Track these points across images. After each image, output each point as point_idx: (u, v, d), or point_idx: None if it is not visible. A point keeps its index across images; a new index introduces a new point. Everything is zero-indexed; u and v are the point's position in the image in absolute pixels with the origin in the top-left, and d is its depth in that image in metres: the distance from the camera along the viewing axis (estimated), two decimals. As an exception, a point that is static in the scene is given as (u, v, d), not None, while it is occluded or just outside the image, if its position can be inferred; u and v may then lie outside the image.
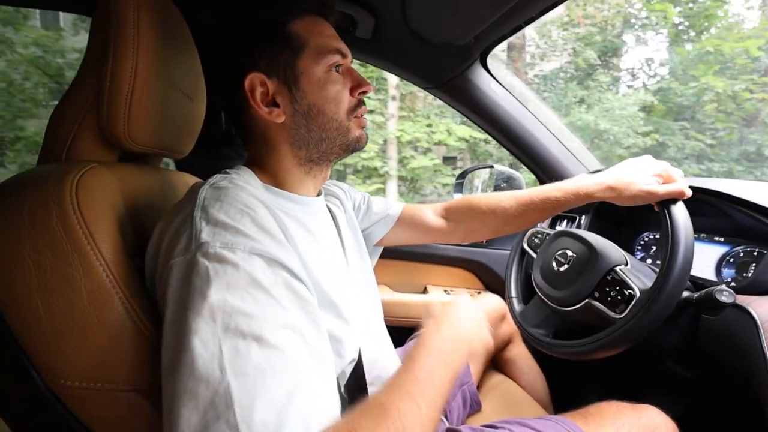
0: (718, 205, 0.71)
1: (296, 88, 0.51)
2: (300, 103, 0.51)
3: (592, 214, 0.93)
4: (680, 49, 6.67)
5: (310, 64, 0.51)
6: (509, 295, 0.85)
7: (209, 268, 0.35)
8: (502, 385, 0.88)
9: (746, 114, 6.31)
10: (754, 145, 6.17)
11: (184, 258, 0.37)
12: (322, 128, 0.53)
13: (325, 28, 0.54)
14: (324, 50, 0.52)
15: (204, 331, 0.33)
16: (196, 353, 0.32)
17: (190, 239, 0.37)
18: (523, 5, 0.73)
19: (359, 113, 0.56)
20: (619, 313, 0.61)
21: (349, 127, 0.54)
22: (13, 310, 0.36)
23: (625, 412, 0.63)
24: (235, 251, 0.36)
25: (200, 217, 0.39)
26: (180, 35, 0.54)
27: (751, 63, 6.30)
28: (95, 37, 0.47)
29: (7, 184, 0.40)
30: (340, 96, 0.53)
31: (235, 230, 0.38)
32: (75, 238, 0.37)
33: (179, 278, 0.36)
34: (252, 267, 0.36)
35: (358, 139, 0.56)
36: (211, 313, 0.33)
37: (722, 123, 6.27)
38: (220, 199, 0.41)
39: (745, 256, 0.70)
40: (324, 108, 0.52)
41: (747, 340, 0.56)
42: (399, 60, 1.02)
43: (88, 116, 0.46)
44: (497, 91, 1.06)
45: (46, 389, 0.36)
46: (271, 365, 0.32)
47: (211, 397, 0.31)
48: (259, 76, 0.50)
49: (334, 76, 0.53)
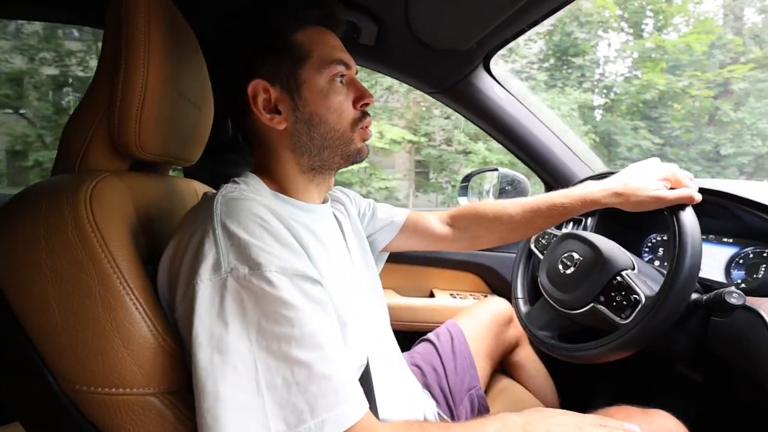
0: (727, 207, 0.71)
1: (298, 97, 0.52)
2: (302, 111, 0.52)
3: (599, 215, 0.92)
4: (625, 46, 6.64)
5: (312, 74, 0.52)
6: (515, 296, 0.85)
7: (242, 292, 0.38)
8: (510, 388, 0.88)
9: (703, 112, 6.27)
10: (711, 144, 6.09)
11: (213, 279, 0.39)
12: (324, 137, 0.53)
13: (329, 39, 0.54)
14: (327, 60, 0.52)
15: (242, 351, 0.37)
16: (236, 371, 0.36)
17: (218, 261, 0.39)
18: (525, 9, 0.74)
19: (364, 125, 0.56)
20: (625, 318, 0.61)
21: (351, 138, 0.55)
22: (30, 316, 0.37)
23: (636, 417, 0.63)
24: (264, 273, 0.39)
25: (223, 236, 0.41)
26: (188, 44, 0.56)
27: (706, 60, 6.25)
28: (107, 50, 0.48)
29: (24, 194, 0.41)
30: (342, 106, 0.54)
31: (258, 249, 0.40)
32: (90, 246, 0.38)
33: (209, 298, 0.38)
34: (279, 288, 0.39)
35: (359, 151, 0.56)
36: (248, 335, 0.37)
37: (679, 122, 6.20)
38: (236, 212, 0.43)
39: (754, 257, 0.70)
40: (326, 117, 0.53)
41: (757, 342, 0.55)
42: (402, 66, 1.03)
43: (100, 127, 0.47)
44: (501, 95, 1.07)
45: (62, 394, 0.37)
46: (297, 379, 0.37)
47: (250, 410, 0.35)
48: (261, 83, 0.51)
49: (336, 87, 0.53)
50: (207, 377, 0.36)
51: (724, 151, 6.06)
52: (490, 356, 0.88)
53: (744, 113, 6.16)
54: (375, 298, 0.67)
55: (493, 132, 1.14)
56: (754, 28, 6.97)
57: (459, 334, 0.86)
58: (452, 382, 0.79)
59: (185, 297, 0.40)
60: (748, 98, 6.38)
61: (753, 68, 6.32)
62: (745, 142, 6.03)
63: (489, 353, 0.88)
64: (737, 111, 6.20)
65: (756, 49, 6.79)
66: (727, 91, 6.53)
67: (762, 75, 6.51)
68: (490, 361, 0.88)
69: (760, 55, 6.65)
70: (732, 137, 6.11)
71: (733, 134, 6.13)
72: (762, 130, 5.99)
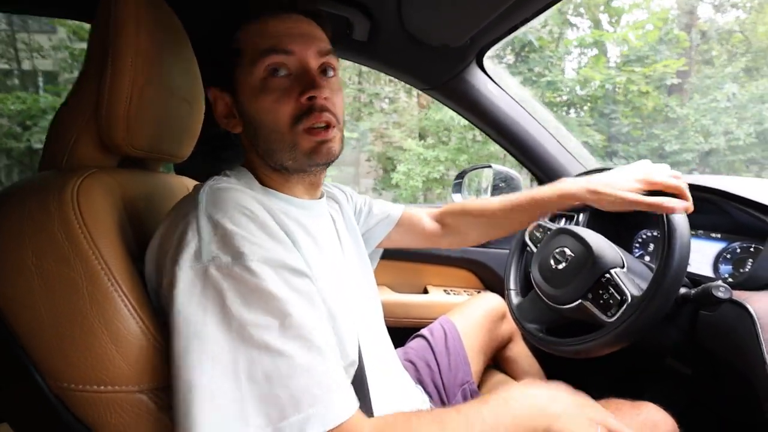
0: (716, 202, 0.72)
1: (237, 100, 0.50)
2: (244, 115, 0.50)
3: (590, 211, 0.93)
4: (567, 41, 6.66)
5: (245, 73, 0.48)
6: (507, 287, 0.86)
7: (223, 282, 0.37)
8: (503, 383, 0.89)
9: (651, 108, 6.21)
10: (659, 141, 6.13)
11: (194, 267, 0.37)
12: (267, 140, 0.49)
13: (268, 28, 0.48)
14: (257, 53, 0.47)
15: (220, 340, 0.35)
16: (214, 360, 0.35)
17: (200, 249, 0.38)
18: (517, 6, 0.74)
19: (306, 125, 0.47)
20: (610, 316, 0.61)
21: (295, 141, 0.48)
22: (16, 314, 0.36)
23: (625, 409, 0.64)
24: (246, 262, 0.38)
25: (206, 224, 0.39)
26: (177, 40, 0.55)
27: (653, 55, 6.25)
28: (95, 44, 0.47)
29: (9, 191, 0.41)
30: (276, 104, 0.47)
31: (242, 238, 0.39)
32: (77, 243, 0.37)
33: (189, 286, 0.37)
34: (262, 278, 0.38)
35: (311, 153, 0.48)
36: (228, 324, 0.36)
37: (628, 119, 6.24)
38: (222, 202, 0.41)
39: (741, 252, 0.71)
40: (261, 119, 0.48)
41: (744, 335, 0.56)
42: (395, 62, 1.03)
43: (88, 122, 0.47)
44: (494, 91, 1.07)
45: (51, 393, 0.37)
46: (278, 371, 0.35)
47: (226, 401, 0.34)
48: (215, 90, 0.51)
49: (271, 83, 0.47)
50: (182, 365, 0.35)
51: (669, 148, 6.08)
52: (483, 352, 0.89)
53: (689, 109, 6.21)
54: (369, 295, 0.67)
55: (485, 128, 1.14)
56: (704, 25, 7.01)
57: (452, 330, 0.86)
58: (445, 377, 0.79)
59: (168, 286, 0.38)
60: (693, 95, 6.47)
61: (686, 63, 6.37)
62: (689, 139, 6.06)
63: (482, 349, 0.89)
64: (683, 107, 6.25)
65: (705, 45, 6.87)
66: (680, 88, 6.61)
67: (709, 71, 6.57)
68: (483, 356, 0.89)
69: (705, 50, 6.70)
70: (677, 134, 6.15)
71: (679, 131, 6.17)
72: (705, 127, 6.02)
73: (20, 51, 6.71)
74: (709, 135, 5.99)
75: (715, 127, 5.94)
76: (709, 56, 6.81)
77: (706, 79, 6.49)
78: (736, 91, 5.95)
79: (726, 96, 5.95)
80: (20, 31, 6.74)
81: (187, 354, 0.35)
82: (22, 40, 6.74)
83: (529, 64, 6.33)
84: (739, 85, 6.07)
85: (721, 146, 5.95)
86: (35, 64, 6.80)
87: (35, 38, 6.78)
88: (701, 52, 6.87)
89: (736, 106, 5.96)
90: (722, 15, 7.09)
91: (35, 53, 6.71)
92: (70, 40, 6.15)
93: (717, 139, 5.91)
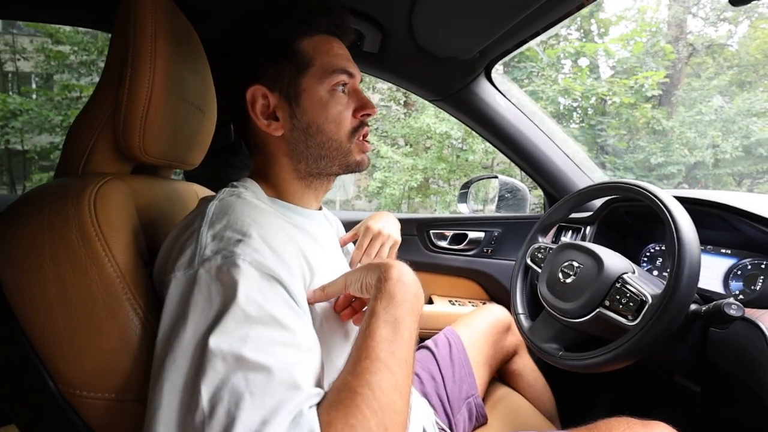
0: (726, 218, 0.71)
1: (297, 105, 0.52)
2: (300, 120, 0.52)
3: (597, 225, 0.93)
4: (549, 51, 6.58)
5: (313, 83, 0.52)
6: (516, 312, 0.85)
7: (210, 284, 0.36)
8: (508, 397, 0.87)
9: (637, 120, 6.11)
10: (643, 153, 6.04)
11: (185, 272, 0.37)
12: (321, 146, 0.53)
13: (334, 48, 0.54)
14: (329, 69, 0.52)
15: (194, 348, 0.33)
16: (186, 368, 0.33)
17: (194, 254, 0.38)
18: (527, 21, 0.75)
19: (360, 136, 0.55)
20: (632, 320, 0.61)
21: (350, 150, 0.54)
22: (32, 319, 0.37)
23: (636, 428, 0.62)
24: (236, 260, 0.37)
25: (206, 233, 0.40)
26: (192, 49, 0.56)
27: (638, 66, 6.17)
28: (114, 53, 0.48)
29: (27, 197, 0.41)
30: (341, 117, 0.53)
31: (238, 241, 0.39)
32: (93, 250, 0.38)
33: (179, 291, 0.37)
34: (250, 284, 0.36)
35: (359, 163, 0.56)
36: (207, 330, 0.34)
37: (614, 130, 6.16)
38: (227, 214, 0.42)
39: (752, 268, 0.70)
40: (324, 127, 0.52)
41: (756, 353, 0.55)
42: (405, 73, 1.04)
43: (105, 130, 0.48)
44: (501, 103, 1.08)
45: (61, 399, 0.37)
46: (250, 387, 0.32)
47: (192, 415, 0.31)
48: (261, 89, 0.51)
49: (338, 96, 0.53)
50: (155, 377, 0.34)
51: (655, 161, 5.99)
52: (488, 364, 0.88)
53: (675, 122, 6.14)
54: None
55: (493, 140, 1.15)
56: (696, 39, 6.97)
57: (457, 342, 0.86)
58: (450, 390, 0.78)
59: (162, 293, 0.38)
60: (679, 107, 6.40)
61: (668, 76, 6.30)
62: (674, 152, 5.97)
63: (487, 361, 0.88)
64: (669, 120, 6.17)
65: (697, 59, 6.82)
66: (668, 101, 6.57)
67: (695, 83, 6.51)
68: (488, 369, 0.88)
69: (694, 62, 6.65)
70: (663, 146, 6.07)
71: (665, 144, 6.09)
72: (690, 140, 5.93)
73: (3, 53, 6.74)
74: (694, 148, 5.90)
75: (701, 140, 5.85)
76: (697, 69, 6.78)
77: (692, 91, 6.44)
78: (723, 104, 5.87)
79: (712, 109, 5.87)
80: (5, 33, 6.76)
81: (161, 364, 0.34)
82: (5, 42, 6.76)
83: (513, 74, 6.33)
84: (727, 98, 6.00)
85: (707, 159, 5.85)
86: (18, 66, 6.80)
87: (19, 40, 6.80)
88: (692, 65, 6.85)
89: (723, 119, 5.87)
90: (715, 29, 7.08)
91: (18, 55, 6.73)
92: (50, 43, 6.12)
93: (702, 152, 5.82)
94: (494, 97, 1.06)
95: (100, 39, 5.88)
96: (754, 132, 5.65)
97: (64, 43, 5.98)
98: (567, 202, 0.83)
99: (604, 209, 0.92)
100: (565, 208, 0.84)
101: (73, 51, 6.05)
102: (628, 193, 0.71)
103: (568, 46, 6.21)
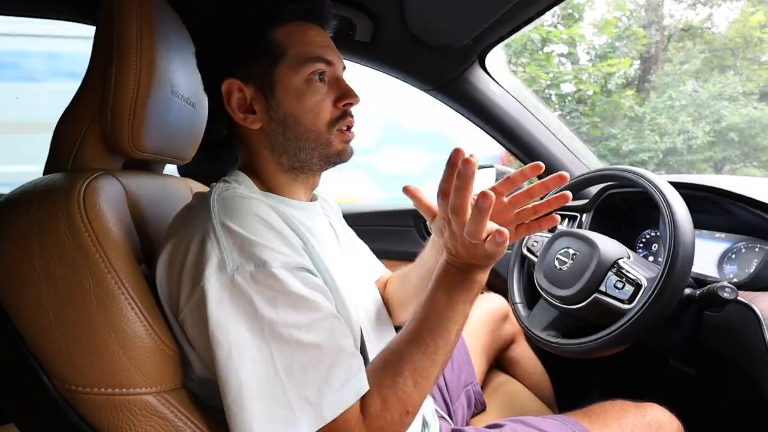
0: (719, 202, 0.72)
1: (272, 97, 0.50)
2: (276, 111, 0.51)
3: (593, 212, 0.93)
4: (517, 39, 6.51)
5: (288, 73, 0.50)
6: (513, 301, 0.85)
7: (249, 289, 0.40)
8: (507, 384, 0.89)
9: (610, 107, 6.00)
10: (615, 140, 5.95)
11: (220, 279, 0.40)
12: (299, 138, 0.51)
13: (308, 35, 0.51)
14: (304, 58, 0.50)
15: (257, 343, 0.39)
16: (255, 361, 0.39)
17: (223, 260, 0.40)
18: (520, 7, 0.74)
19: (342, 126, 0.53)
20: (629, 303, 0.61)
21: (329, 140, 0.52)
22: (24, 317, 0.37)
23: (630, 410, 0.64)
24: (269, 268, 0.41)
25: (223, 234, 0.41)
26: (181, 41, 0.55)
27: (611, 52, 6.00)
28: (98, 47, 0.47)
29: (16, 194, 0.41)
30: (319, 107, 0.51)
31: (261, 246, 0.41)
32: (83, 246, 0.37)
33: (218, 298, 0.39)
34: (284, 281, 0.41)
35: (340, 153, 0.54)
36: (261, 327, 0.40)
37: (588, 117, 6.02)
38: (234, 210, 0.43)
39: (746, 252, 0.71)
40: (300, 118, 0.51)
41: (749, 336, 0.56)
42: (398, 62, 1.03)
43: (93, 125, 0.47)
44: (496, 91, 1.07)
45: (58, 395, 0.37)
46: (310, 360, 0.40)
47: (272, 394, 0.38)
48: (235, 83, 0.50)
49: (315, 86, 0.51)
50: (229, 372, 0.38)
51: (626, 147, 5.86)
52: (486, 352, 0.89)
53: (646, 108, 6.00)
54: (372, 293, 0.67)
55: (488, 128, 1.14)
56: (677, 23, 6.84)
57: (455, 331, 0.86)
58: (449, 378, 0.79)
59: (191, 298, 0.40)
60: (650, 93, 6.28)
61: (632, 60, 6.18)
62: (646, 138, 5.84)
63: (485, 349, 0.89)
64: (642, 106, 6.04)
65: (678, 43, 6.70)
66: (643, 87, 6.50)
67: (668, 68, 6.36)
68: (486, 357, 0.89)
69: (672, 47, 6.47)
70: (634, 133, 5.94)
71: (636, 130, 5.96)
72: (661, 126, 5.79)
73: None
74: (665, 134, 5.79)
75: (672, 125, 5.74)
76: (674, 54, 6.66)
77: (665, 76, 6.30)
78: (696, 89, 5.75)
79: (684, 94, 5.75)
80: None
81: (230, 360, 0.38)
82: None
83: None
84: (701, 82, 5.88)
85: (678, 145, 5.74)
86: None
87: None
88: (672, 49, 6.73)
89: (695, 104, 5.76)
90: (695, 13, 6.95)
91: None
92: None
93: (673, 138, 5.70)
94: (489, 85, 1.05)
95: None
96: (725, 117, 5.54)
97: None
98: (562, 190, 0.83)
99: (600, 196, 0.92)
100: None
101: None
102: (624, 180, 0.71)
103: (534, 31, 6.00)
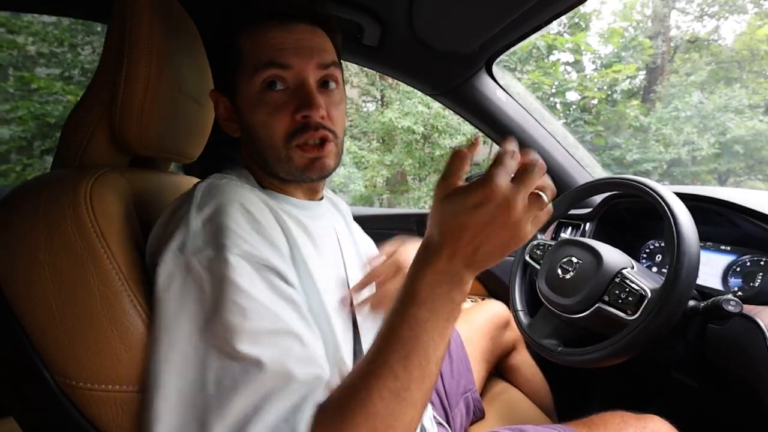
0: (725, 214, 0.71)
1: (237, 107, 0.49)
2: (242, 123, 0.49)
3: (597, 221, 0.93)
4: (523, 46, 6.45)
5: (244, 82, 0.46)
6: (515, 308, 0.85)
7: (203, 275, 0.36)
8: (506, 392, 0.88)
9: (615, 116, 6.01)
10: (620, 150, 5.95)
11: (176, 258, 0.37)
12: (261, 152, 0.48)
13: (267, 37, 0.45)
14: (256, 65, 0.45)
15: (193, 339, 0.34)
16: (184, 358, 0.34)
17: (184, 242, 0.37)
18: (529, 15, 0.74)
19: (300, 141, 0.46)
20: (632, 314, 0.61)
21: (289, 156, 0.46)
22: (28, 312, 0.37)
23: (630, 422, 0.63)
24: (225, 254, 0.36)
25: (196, 216, 0.39)
26: (190, 40, 0.56)
27: (617, 61, 6.05)
28: (110, 45, 0.48)
29: (23, 188, 0.41)
30: (271, 119, 0.45)
31: (228, 230, 0.37)
32: (89, 242, 0.38)
33: (169, 278, 0.36)
34: (238, 272, 0.36)
35: (303, 170, 0.47)
36: (205, 321, 0.35)
37: (592, 126, 6.02)
38: (215, 196, 0.41)
39: (752, 265, 0.70)
40: (256, 132, 0.47)
41: (754, 350, 0.55)
42: (405, 67, 1.03)
43: (102, 122, 0.47)
44: (502, 98, 1.07)
45: (59, 390, 0.37)
46: (245, 378, 0.33)
47: (190, 404, 0.33)
48: (215, 93, 0.52)
49: (268, 96, 0.45)
50: (153, 357, 0.35)
51: (630, 157, 5.88)
52: (486, 359, 0.88)
53: (651, 119, 6.03)
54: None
55: (493, 135, 1.14)
56: (685, 34, 6.85)
57: (455, 337, 0.86)
58: (448, 384, 0.79)
59: (155, 276, 0.38)
60: (656, 103, 6.31)
61: (637, 69, 6.20)
62: (650, 148, 5.85)
63: (485, 356, 0.88)
64: (647, 116, 6.06)
65: (685, 54, 6.71)
66: (648, 97, 6.48)
67: (674, 79, 6.40)
68: (486, 364, 0.88)
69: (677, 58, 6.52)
70: (639, 143, 5.96)
71: (641, 140, 5.98)
72: (666, 136, 5.79)
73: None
74: (669, 145, 5.79)
75: (677, 136, 5.73)
76: (681, 65, 6.68)
77: (671, 87, 6.35)
78: (702, 100, 5.75)
79: (689, 105, 5.76)
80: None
81: (158, 345, 0.35)
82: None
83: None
84: (707, 93, 5.89)
85: (683, 156, 5.74)
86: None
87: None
88: (678, 60, 6.75)
89: (700, 115, 5.76)
90: (702, 25, 6.98)
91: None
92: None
93: (678, 148, 5.70)
94: (495, 91, 1.06)
95: (61, 28, 5.51)
96: (731, 129, 5.54)
97: (18, 33, 5.26)
98: (566, 198, 0.83)
99: (604, 205, 0.92)
100: (565, 204, 0.84)
101: (31, 42, 5.39)
102: (629, 189, 0.71)
103: (540, 39, 5.99)
